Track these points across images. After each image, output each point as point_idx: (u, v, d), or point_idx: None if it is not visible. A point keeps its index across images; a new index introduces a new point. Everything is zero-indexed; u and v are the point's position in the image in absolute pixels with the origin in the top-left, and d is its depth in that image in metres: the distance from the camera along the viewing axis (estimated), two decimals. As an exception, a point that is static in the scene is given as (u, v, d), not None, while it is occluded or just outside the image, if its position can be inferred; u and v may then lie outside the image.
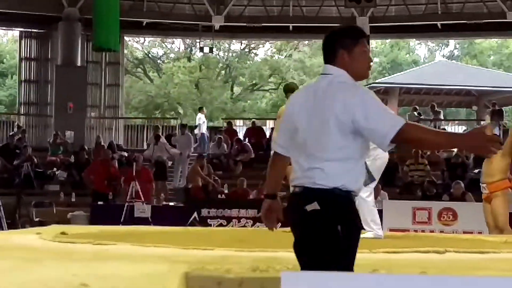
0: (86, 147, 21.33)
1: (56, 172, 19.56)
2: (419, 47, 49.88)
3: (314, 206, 3.63)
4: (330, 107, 3.67)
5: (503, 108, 27.33)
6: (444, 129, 23.70)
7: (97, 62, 25.58)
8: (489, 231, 11.06)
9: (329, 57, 3.96)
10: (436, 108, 25.19)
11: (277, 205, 4.09)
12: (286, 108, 4.04)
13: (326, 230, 3.64)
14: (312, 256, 3.66)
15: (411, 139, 3.62)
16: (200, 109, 27.23)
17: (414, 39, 40.94)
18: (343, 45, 3.90)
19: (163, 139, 21.68)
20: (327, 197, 3.66)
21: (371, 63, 4.00)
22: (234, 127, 24.82)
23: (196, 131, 24.42)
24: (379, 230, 8.66)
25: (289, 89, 9.52)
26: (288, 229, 10.03)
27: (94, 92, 25.45)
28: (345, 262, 3.62)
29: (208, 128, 27.01)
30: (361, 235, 4.05)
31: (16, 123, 24.39)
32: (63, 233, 8.37)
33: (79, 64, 24.10)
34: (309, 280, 1.81)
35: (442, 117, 26.92)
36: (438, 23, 24.77)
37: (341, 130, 3.63)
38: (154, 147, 20.69)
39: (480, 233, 11.87)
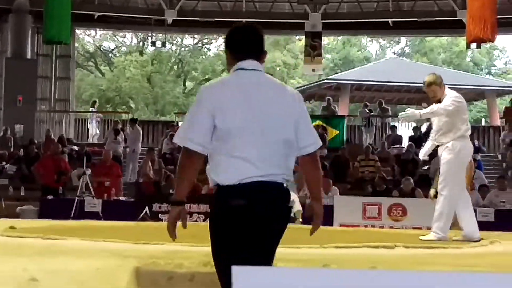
0: (36, 141, 21.10)
1: (5, 166, 19.30)
2: (371, 44, 50.31)
3: (291, 202, 3.70)
4: (282, 103, 3.69)
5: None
6: (394, 126, 23.92)
7: (47, 55, 25.30)
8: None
9: (257, 54, 3.84)
10: (383, 105, 25.43)
11: (186, 212, 3.75)
12: (206, 104, 3.64)
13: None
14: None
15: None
16: None
17: (366, 36, 41.30)
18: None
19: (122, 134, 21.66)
20: (289, 193, 3.73)
21: None
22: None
23: None
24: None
25: None
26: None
27: (44, 85, 25.17)
28: None
29: (161, 122, 26.86)
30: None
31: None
32: (12, 227, 8.28)
33: (29, 56, 23.81)
34: (260, 275, 1.82)
35: (390, 113, 27.18)
36: (390, 21, 24.99)
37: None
38: (112, 141, 20.57)
39: (429, 229, 12.01)
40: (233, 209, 3.56)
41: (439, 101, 8.03)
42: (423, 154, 8.57)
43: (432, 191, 11.36)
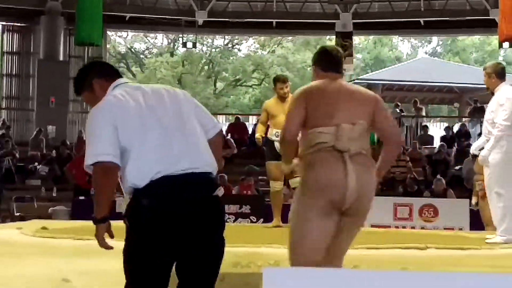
0: (68, 142, 21.25)
1: (38, 167, 19.47)
2: (402, 44, 50.04)
3: (221, 191, 3.70)
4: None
5: (485, 106, 27.41)
6: (426, 126, 23.79)
7: (79, 57, 25.44)
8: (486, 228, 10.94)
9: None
10: (418, 105, 25.29)
11: (109, 224, 3.80)
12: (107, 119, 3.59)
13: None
14: (221, 238, 3.68)
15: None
16: None
17: (397, 36, 41.13)
18: None
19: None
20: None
21: None
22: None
23: None
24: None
25: (279, 80, 9.44)
26: (270, 224, 9.93)
27: (77, 86, 25.31)
28: None
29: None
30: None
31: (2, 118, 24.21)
32: (44, 228, 8.35)
33: (61, 58, 23.98)
34: (291, 276, 1.82)
35: (424, 113, 27.04)
36: (421, 20, 24.84)
37: None
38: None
39: (461, 229, 11.93)
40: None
41: (488, 89, 8.01)
42: (474, 148, 8.28)
43: (474, 199, 11.15)
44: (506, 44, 21.63)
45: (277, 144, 9.01)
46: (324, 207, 4.33)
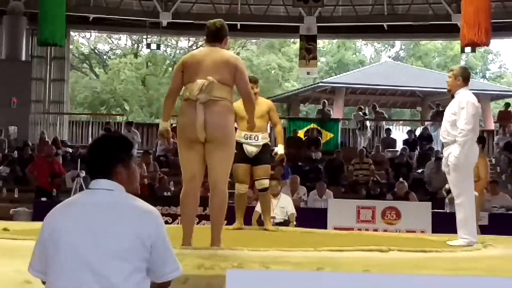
0: (30, 143, 21.06)
1: (-1, 168, 19.28)
2: (366, 48, 50.35)
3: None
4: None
5: (447, 109, 27.62)
6: (389, 129, 23.95)
7: (42, 57, 25.24)
8: None
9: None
10: (377, 109, 25.45)
11: None
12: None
13: None
14: None
15: None
16: None
17: (361, 40, 41.34)
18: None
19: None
20: None
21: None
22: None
23: None
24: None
25: (249, 80, 9.30)
26: (232, 226, 9.95)
27: (39, 87, 25.12)
28: None
29: (155, 125, 26.82)
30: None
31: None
32: (5, 229, 8.25)
33: (23, 58, 23.75)
34: (254, 279, 1.82)
35: (385, 116, 27.21)
36: (384, 24, 25.00)
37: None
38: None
39: (423, 232, 12.03)
40: None
41: (449, 91, 8.04)
42: (444, 165, 7.96)
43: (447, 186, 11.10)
44: (468, 49, 21.85)
45: (246, 147, 8.99)
46: (187, 141, 6.42)
